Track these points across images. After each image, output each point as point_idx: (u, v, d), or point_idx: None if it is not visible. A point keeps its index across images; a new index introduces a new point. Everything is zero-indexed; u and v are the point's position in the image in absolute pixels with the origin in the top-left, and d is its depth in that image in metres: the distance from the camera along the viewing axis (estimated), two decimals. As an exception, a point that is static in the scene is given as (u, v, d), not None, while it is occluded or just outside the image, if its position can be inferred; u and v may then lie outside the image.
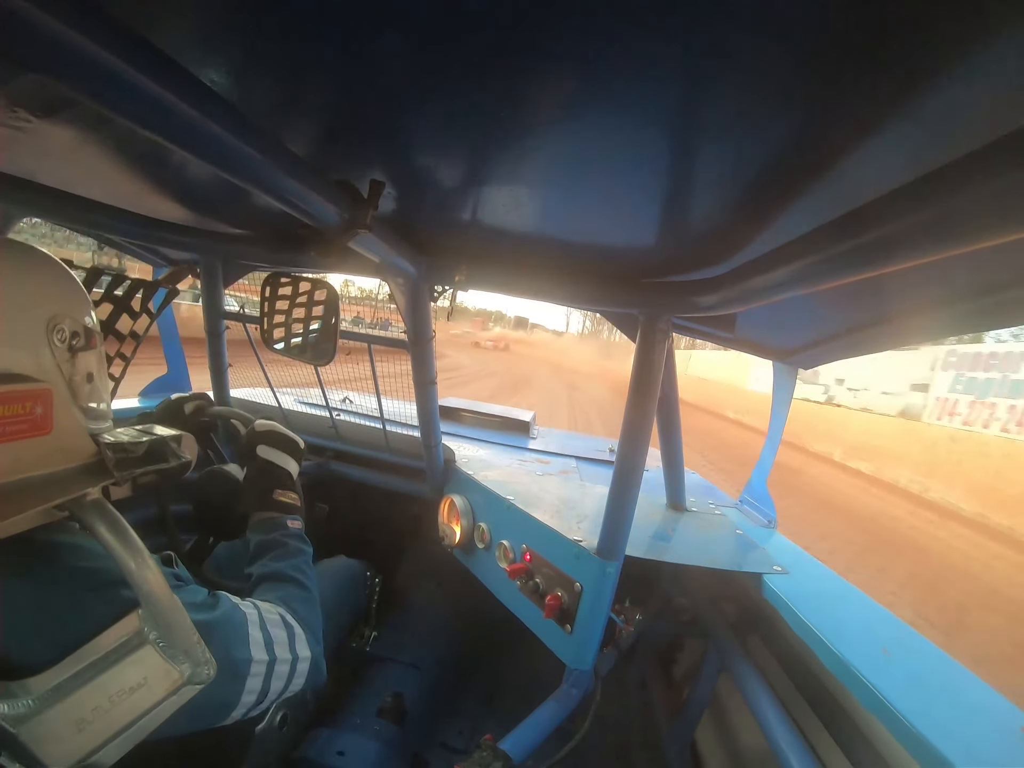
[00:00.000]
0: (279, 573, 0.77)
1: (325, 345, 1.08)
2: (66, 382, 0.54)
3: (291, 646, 0.66)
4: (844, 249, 0.46)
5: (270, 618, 0.66)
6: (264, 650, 0.62)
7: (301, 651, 0.68)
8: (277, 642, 0.64)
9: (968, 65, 0.30)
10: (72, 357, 0.55)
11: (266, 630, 0.64)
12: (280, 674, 0.64)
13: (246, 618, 0.62)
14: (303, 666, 0.68)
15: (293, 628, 0.68)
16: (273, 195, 0.50)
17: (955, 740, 0.61)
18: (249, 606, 0.64)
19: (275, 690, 0.64)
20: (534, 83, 0.39)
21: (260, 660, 0.61)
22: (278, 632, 0.65)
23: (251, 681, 0.60)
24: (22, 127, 0.57)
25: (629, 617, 1.10)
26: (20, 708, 0.39)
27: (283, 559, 0.79)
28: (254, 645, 0.61)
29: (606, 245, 0.76)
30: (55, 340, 0.52)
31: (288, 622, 0.68)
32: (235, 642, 0.59)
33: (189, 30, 0.39)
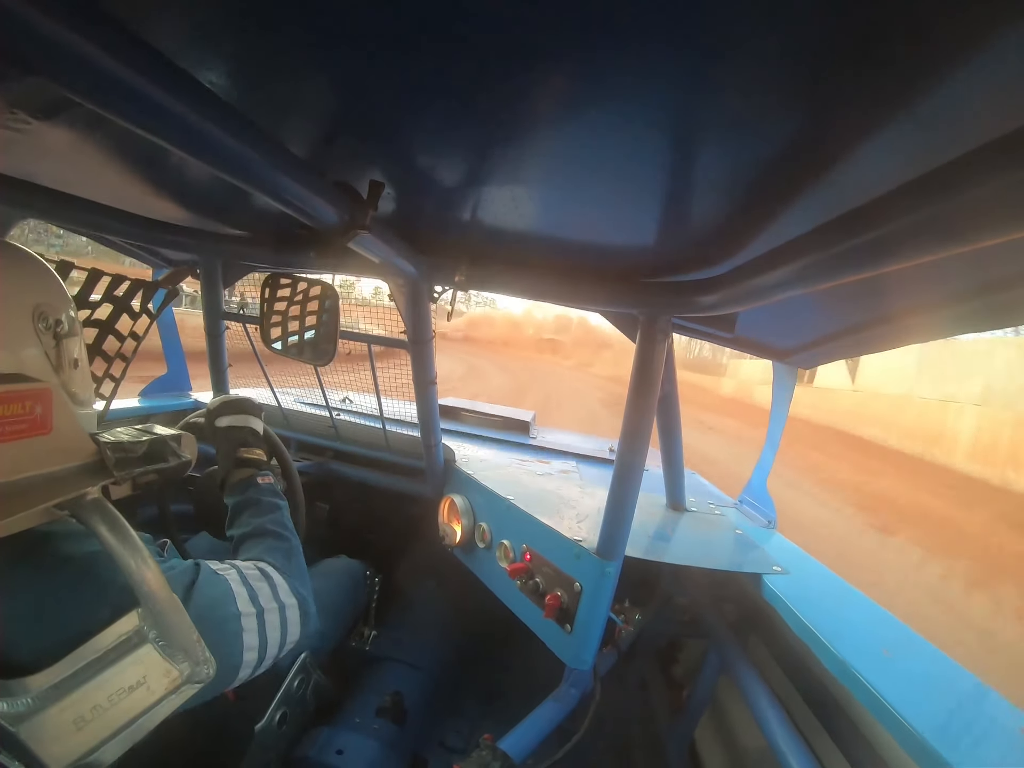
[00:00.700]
0: (256, 530, 0.79)
1: (325, 345, 1.08)
2: (54, 370, 0.55)
3: (274, 596, 0.67)
4: (844, 248, 0.46)
5: (249, 573, 0.67)
6: (250, 603, 0.63)
7: (285, 599, 0.69)
8: (261, 594, 0.65)
9: (968, 64, 0.30)
10: (57, 344, 0.56)
11: (248, 585, 0.65)
12: (272, 624, 0.65)
13: (227, 578, 0.63)
14: (292, 613, 0.69)
15: (272, 578, 0.69)
16: (272, 196, 0.50)
17: (955, 741, 0.61)
18: (227, 567, 0.66)
19: (273, 641, 0.65)
20: (534, 83, 0.39)
21: (248, 613, 0.62)
22: (259, 584, 0.66)
23: (247, 637, 0.61)
24: (21, 128, 0.58)
25: (629, 617, 1.10)
26: (19, 706, 0.39)
27: (258, 516, 0.81)
28: (240, 600, 0.62)
29: (606, 245, 0.76)
30: (40, 327, 0.54)
31: (267, 573, 0.69)
32: (221, 601, 0.60)
33: (188, 32, 0.39)
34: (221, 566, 0.65)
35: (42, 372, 0.53)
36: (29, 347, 0.52)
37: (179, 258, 1.35)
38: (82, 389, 0.61)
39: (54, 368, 0.55)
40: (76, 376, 0.59)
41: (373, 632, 1.46)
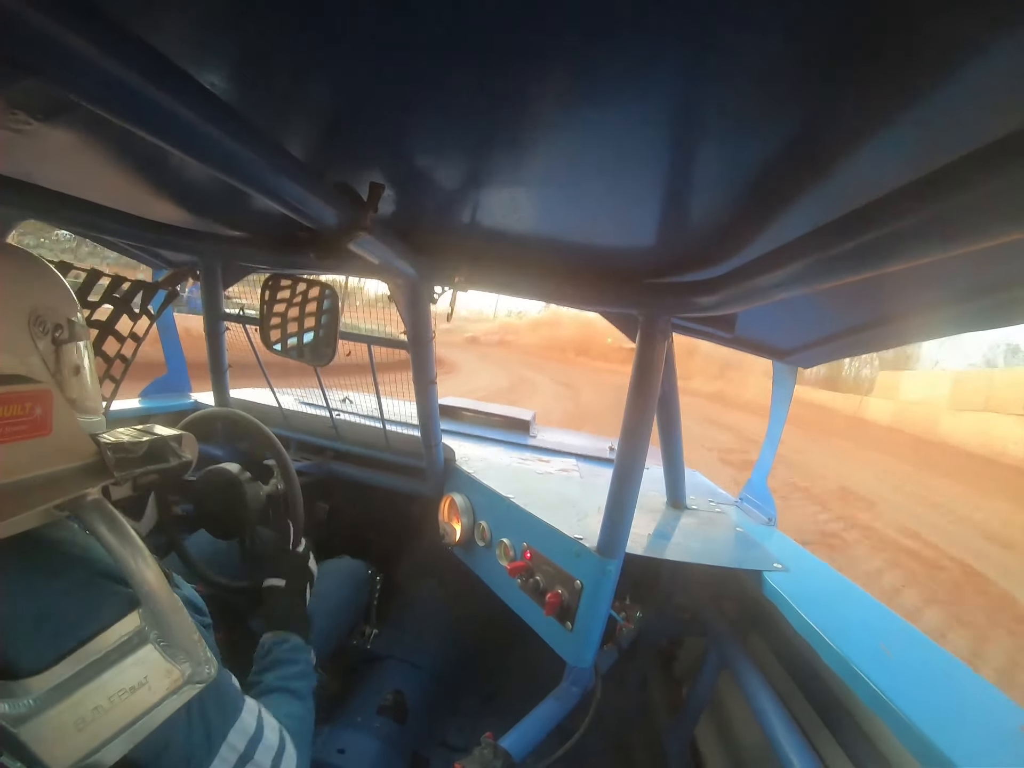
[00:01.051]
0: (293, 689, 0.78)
1: (325, 347, 1.09)
2: (51, 375, 0.54)
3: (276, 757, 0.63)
4: (845, 249, 0.46)
5: (269, 721, 0.65)
6: (245, 742, 0.59)
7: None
8: (264, 744, 0.62)
9: (968, 65, 0.30)
10: (56, 349, 0.55)
11: (260, 728, 0.62)
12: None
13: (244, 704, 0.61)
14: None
15: (285, 745, 0.66)
16: (273, 198, 0.50)
17: (955, 738, 0.61)
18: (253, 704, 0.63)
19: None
20: (533, 84, 0.39)
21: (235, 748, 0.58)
22: (271, 736, 0.63)
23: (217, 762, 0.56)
24: (22, 130, 0.58)
25: (629, 615, 1.10)
26: (20, 708, 0.39)
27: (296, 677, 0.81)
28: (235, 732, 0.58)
29: (606, 246, 0.76)
30: (36, 331, 0.52)
31: (283, 738, 0.66)
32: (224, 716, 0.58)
33: (188, 33, 0.39)
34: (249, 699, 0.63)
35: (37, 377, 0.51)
36: (23, 351, 0.51)
37: (179, 259, 1.35)
38: (84, 396, 0.59)
39: (51, 373, 0.54)
40: (76, 383, 0.58)
41: (374, 631, 1.46)
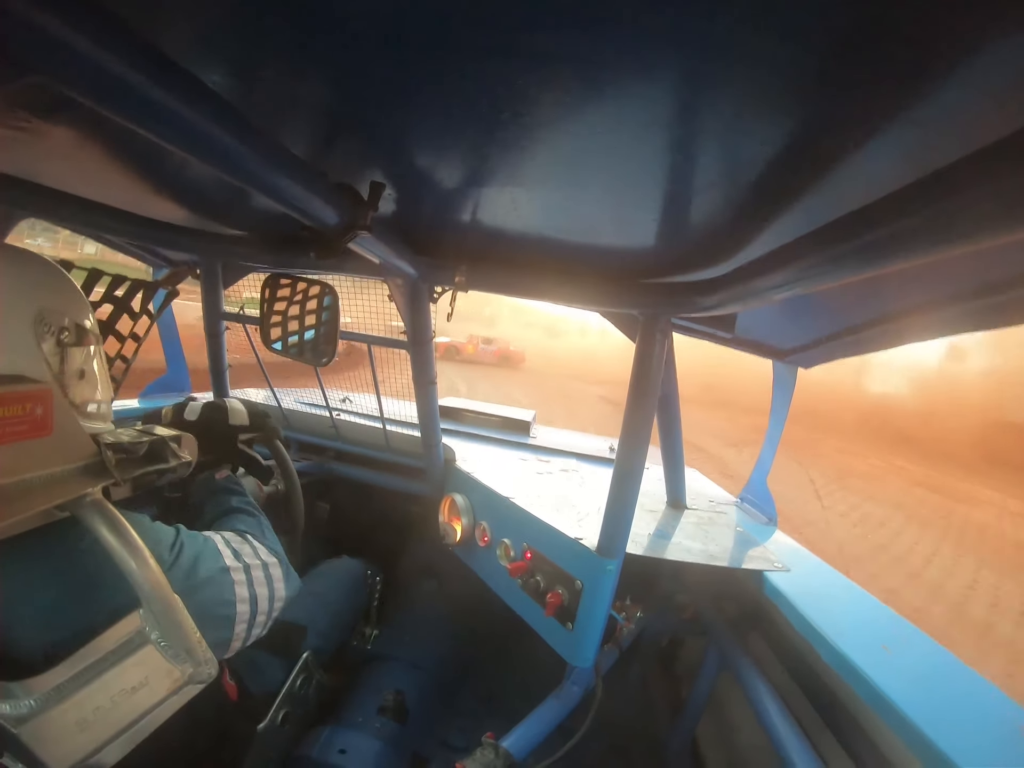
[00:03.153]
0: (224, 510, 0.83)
1: (325, 346, 1.08)
2: (54, 377, 0.54)
3: (255, 554, 0.71)
4: (845, 249, 0.46)
5: (228, 536, 0.71)
6: (235, 559, 0.67)
7: (266, 558, 0.73)
8: (243, 553, 0.69)
9: (968, 67, 0.30)
10: (61, 352, 0.55)
11: (230, 545, 0.69)
12: (259, 579, 0.69)
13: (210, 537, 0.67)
14: (274, 571, 0.73)
15: (250, 541, 0.73)
16: (273, 197, 0.50)
17: (955, 737, 0.61)
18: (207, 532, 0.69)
19: (262, 596, 0.68)
20: (533, 84, 0.39)
21: (236, 567, 0.66)
22: (241, 546, 0.70)
23: (238, 588, 0.64)
24: (22, 127, 0.57)
25: (630, 615, 1.10)
26: (22, 708, 0.39)
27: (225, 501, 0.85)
28: (225, 556, 0.65)
29: (606, 246, 0.76)
30: (43, 334, 0.53)
31: (245, 537, 0.73)
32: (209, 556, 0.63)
33: (190, 31, 0.39)
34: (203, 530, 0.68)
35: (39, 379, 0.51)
36: (25, 352, 0.51)
37: (179, 258, 1.35)
38: (89, 400, 0.59)
39: (54, 375, 0.54)
40: (81, 387, 0.58)
41: (374, 631, 1.46)
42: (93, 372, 0.60)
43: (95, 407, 0.61)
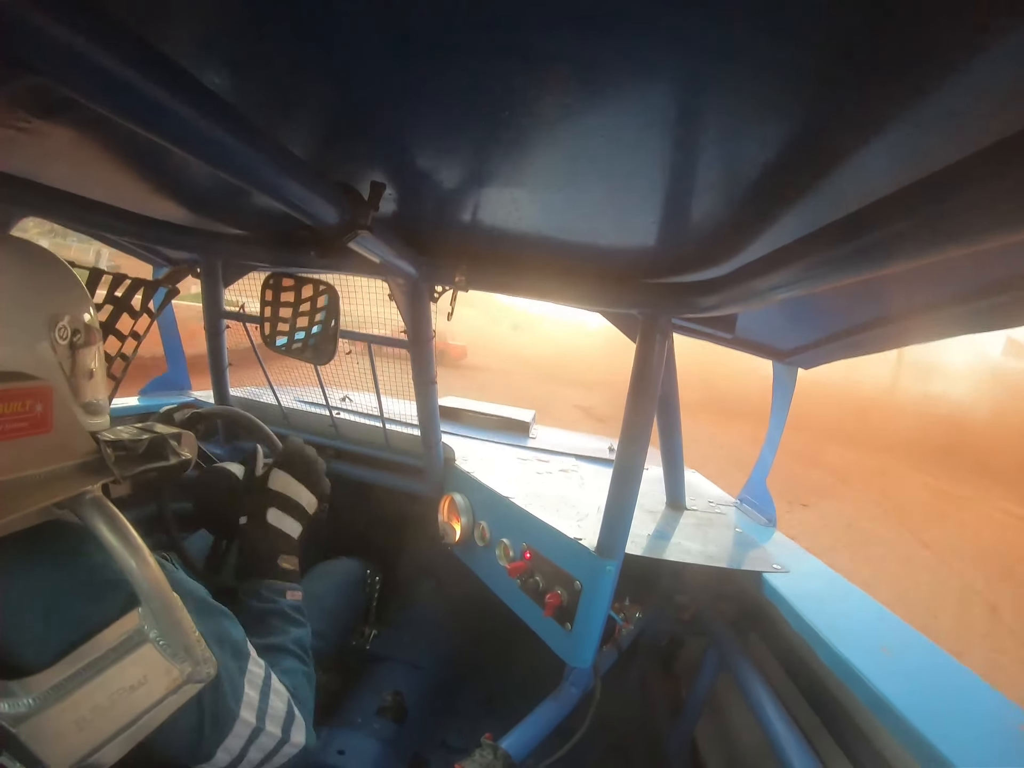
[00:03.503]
0: (283, 646, 0.73)
1: (325, 345, 1.08)
2: (67, 379, 0.54)
3: (286, 725, 0.64)
4: (845, 251, 0.46)
5: (276, 687, 0.64)
6: (254, 714, 0.60)
7: (295, 736, 0.65)
8: (271, 714, 0.62)
9: (968, 68, 0.30)
10: (73, 354, 0.55)
11: (266, 697, 0.61)
12: (262, 746, 0.61)
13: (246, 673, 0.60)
14: (291, 750, 0.65)
15: (294, 711, 0.66)
16: (274, 196, 0.50)
17: (954, 738, 0.61)
18: (261, 664, 0.63)
19: (250, 760, 0.61)
20: (534, 84, 0.39)
21: (246, 722, 0.59)
22: (278, 704, 0.63)
23: (230, 740, 0.57)
24: (22, 127, 0.58)
25: (629, 615, 1.10)
26: (20, 707, 0.39)
27: (284, 632, 0.75)
28: (245, 706, 0.59)
29: (606, 246, 0.76)
30: (57, 338, 0.53)
31: (291, 703, 0.66)
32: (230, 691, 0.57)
33: (190, 31, 0.39)
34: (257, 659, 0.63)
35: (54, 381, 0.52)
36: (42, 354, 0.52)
37: (180, 257, 1.35)
38: (96, 399, 0.60)
39: (66, 377, 0.54)
40: (90, 387, 0.58)
41: (373, 631, 1.46)
42: (98, 371, 0.60)
43: (101, 402, 0.61)
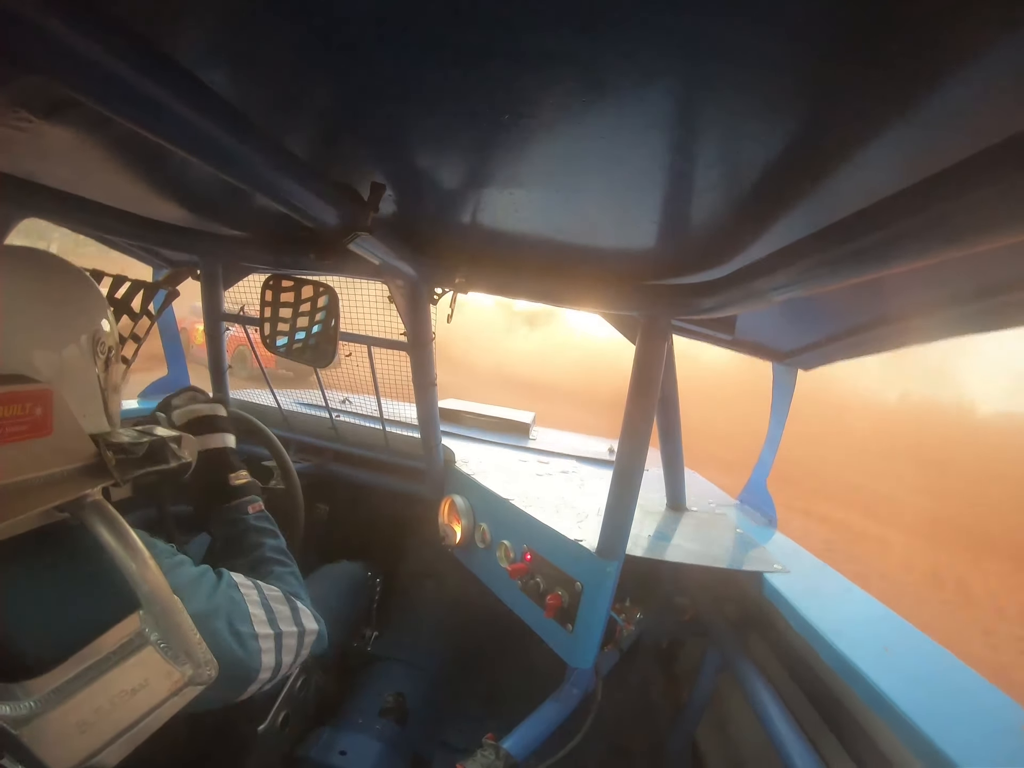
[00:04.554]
0: (264, 557, 0.77)
1: (325, 347, 1.08)
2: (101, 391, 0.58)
3: (295, 619, 0.68)
4: (845, 252, 0.46)
5: (271, 594, 0.67)
6: (268, 625, 0.64)
7: (308, 624, 0.70)
8: (280, 617, 0.66)
9: (969, 67, 0.30)
10: (107, 369, 0.59)
11: (268, 607, 0.65)
12: (289, 647, 0.66)
13: (244, 598, 0.63)
14: (310, 638, 0.70)
15: (295, 602, 0.70)
16: (274, 197, 0.50)
17: (956, 738, 0.61)
18: (249, 585, 0.66)
19: (286, 663, 0.66)
20: (534, 86, 0.39)
21: (266, 635, 0.63)
22: (280, 607, 0.67)
23: (265, 657, 0.62)
24: (22, 127, 0.57)
25: (630, 616, 1.10)
26: (22, 710, 0.39)
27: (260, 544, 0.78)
28: (257, 622, 0.62)
29: (606, 247, 0.76)
30: (98, 352, 0.57)
31: (289, 598, 0.70)
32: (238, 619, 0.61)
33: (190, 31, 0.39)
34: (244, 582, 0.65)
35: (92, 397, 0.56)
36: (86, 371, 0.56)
37: (180, 259, 1.35)
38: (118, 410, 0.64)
39: (101, 390, 0.58)
40: (116, 398, 0.62)
41: (375, 633, 1.46)
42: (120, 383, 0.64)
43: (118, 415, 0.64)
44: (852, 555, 5.31)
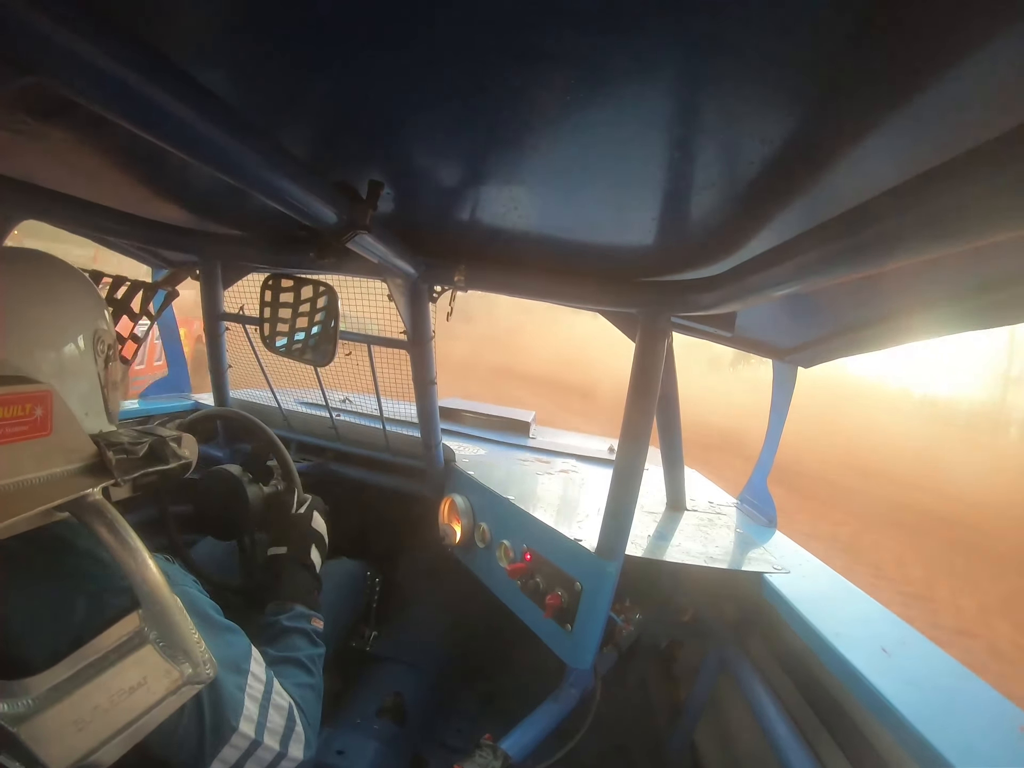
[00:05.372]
0: (299, 660, 0.75)
1: (325, 346, 1.08)
2: (101, 388, 0.59)
3: (284, 739, 0.63)
4: (843, 247, 0.46)
5: (277, 700, 0.63)
6: (252, 727, 0.59)
7: (294, 751, 0.64)
8: (270, 727, 0.61)
9: (966, 63, 0.30)
10: (107, 367, 0.60)
11: (264, 709, 0.61)
12: (259, 759, 0.60)
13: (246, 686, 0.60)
14: (288, 765, 0.64)
15: (296, 724, 0.65)
16: (272, 197, 0.50)
17: (955, 740, 0.60)
18: (261, 676, 0.63)
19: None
20: (532, 84, 0.39)
21: (245, 735, 0.58)
22: (276, 718, 0.63)
23: (227, 750, 0.57)
24: (21, 129, 0.58)
25: (629, 617, 1.10)
26: (20, 707, 0.39)
27: (303, 649, 0.77)
28: (244, 719, 0.58)
29: (605, 244, 0.76)
30: (98, 351, 0.58)
31: (293, 715, 0.65)
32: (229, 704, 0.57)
33: (188, 32, 0.39)
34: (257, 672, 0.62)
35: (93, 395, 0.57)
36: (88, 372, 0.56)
37: (179, 259, 1.35)
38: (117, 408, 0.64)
39: (101, 387, 0.58)
40: (115, 397, 0.63)
41: (373, 632, 1.46)
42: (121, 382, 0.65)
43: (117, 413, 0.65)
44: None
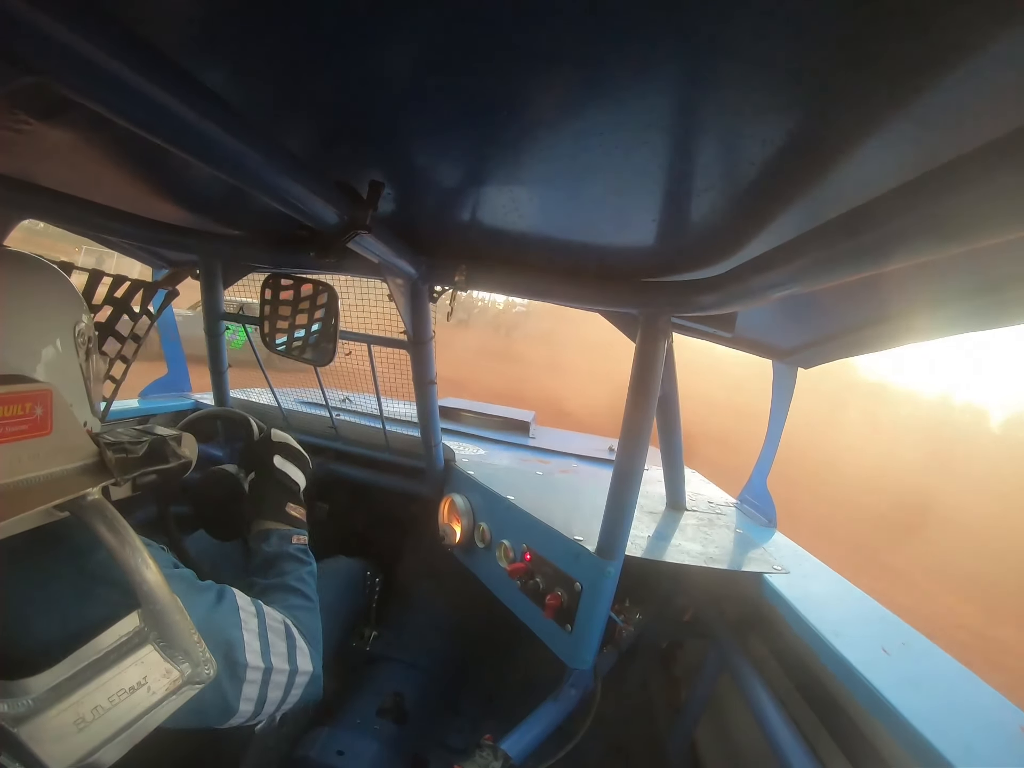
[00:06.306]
0: (286, 585, 0.76)
1: (325, 345, 1.09)
2: (84, 381, 0.58)
3: (290, 657, 0.65)
4: (844, 248, 0.46)
5: (272, 625, 0.65)
6: (260, 657, 0.61)
7: (302, 664, 0.67)
8: (275, 651, 0.63)
9: (966, 65, 0.30)
10: (88, 360, 0.59)
11: (264, 637, 0.63)
12: (277, 683, 0.63)
13: (241, 623, 0.61)
14: (302, 679, 0.67)
15: (296, 640, 0.67)
16: (272, 197, 0.50)
17: (954, 740, 0.60)
18: (251, 609, 0.64)
19: (272, 700, 0.63)
20: (533, 84, 0.39)
21: (256, 667, 0.60)
22: (277, 641, 0.64)
23: (247, 688, 0.59)
24: (21, 129, 0.58)
25: (629, 617, 1.10)
26: (20, 708, 0.39)
27: (290, 572, 0.78)
28: (249, 652, 0.60)
29: (605, 245, 0.76)
30: (79, 344, 0.57)
31: (291, 632, 0.67)
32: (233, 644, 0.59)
33: (189, 31, 0.39)
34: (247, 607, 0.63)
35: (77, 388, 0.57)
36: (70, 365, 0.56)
37: (179, 258, 1.35)
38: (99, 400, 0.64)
39: (84, 380, 0.58)
40: (98, 389, 0.62)
41: (373, 632, 1.46)
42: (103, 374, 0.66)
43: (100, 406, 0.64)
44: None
